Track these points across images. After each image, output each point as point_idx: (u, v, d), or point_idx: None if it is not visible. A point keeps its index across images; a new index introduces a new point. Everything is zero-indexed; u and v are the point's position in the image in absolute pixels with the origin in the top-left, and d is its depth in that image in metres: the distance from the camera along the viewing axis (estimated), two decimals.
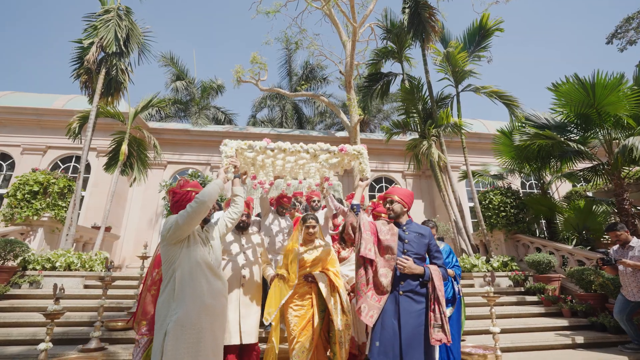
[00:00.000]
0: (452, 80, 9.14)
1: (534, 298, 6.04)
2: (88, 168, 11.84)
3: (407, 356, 2.09)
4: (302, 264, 3.04)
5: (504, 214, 8.18)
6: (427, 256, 2.53)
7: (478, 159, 12.37)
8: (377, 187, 13.74)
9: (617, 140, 6.86)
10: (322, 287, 2.91)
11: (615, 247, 4.53)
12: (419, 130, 9.30)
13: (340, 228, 3.89)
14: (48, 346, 3.02)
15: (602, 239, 8.06)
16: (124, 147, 8.03)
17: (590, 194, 9.97)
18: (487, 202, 8.54)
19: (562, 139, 7.21)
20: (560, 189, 12.15)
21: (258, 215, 4.99)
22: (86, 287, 5.94)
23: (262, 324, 3.29)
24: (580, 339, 4.47)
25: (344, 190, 12.72)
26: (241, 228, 3.36)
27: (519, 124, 8.28)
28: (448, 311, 3.25)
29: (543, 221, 9.16)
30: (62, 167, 11.96)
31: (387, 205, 2.57)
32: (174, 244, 2.08)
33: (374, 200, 5.06)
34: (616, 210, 7.66)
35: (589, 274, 5.46)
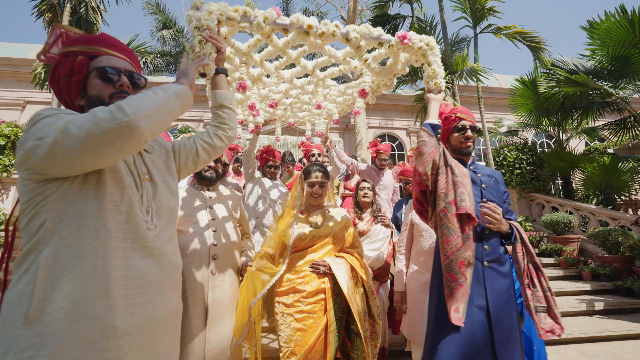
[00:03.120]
0: (470, 20, 8.03)
1: (551, 260, 5.60)
2: None
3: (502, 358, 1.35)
4: (305, 244, 1.90)
5: (518, 171, 7.62)
6: None
7: (490, 115, 11.55)
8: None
9: None
10: (342, 280, 1.78)
11: None
12: None
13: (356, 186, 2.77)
14: None
15: (618, 199, 7.53)
16: None
17: (611, 150, 9.25)
18: (501, 158, 7.93)
19: (598, 83, 6.36)
20: (576, 148, 11.45)
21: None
22: None
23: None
24: (606, 305, 4.02)
25: (346, 149, 12.02)
26: (207, 179, 1.98)
27: (545, 70, 7.36)
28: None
29: (559, 181, 8.58)
30: None
31: (468, 133, 1.61)
32: (47, 182, 0.85)
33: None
34: None
35: (617, 235, 4.95)
